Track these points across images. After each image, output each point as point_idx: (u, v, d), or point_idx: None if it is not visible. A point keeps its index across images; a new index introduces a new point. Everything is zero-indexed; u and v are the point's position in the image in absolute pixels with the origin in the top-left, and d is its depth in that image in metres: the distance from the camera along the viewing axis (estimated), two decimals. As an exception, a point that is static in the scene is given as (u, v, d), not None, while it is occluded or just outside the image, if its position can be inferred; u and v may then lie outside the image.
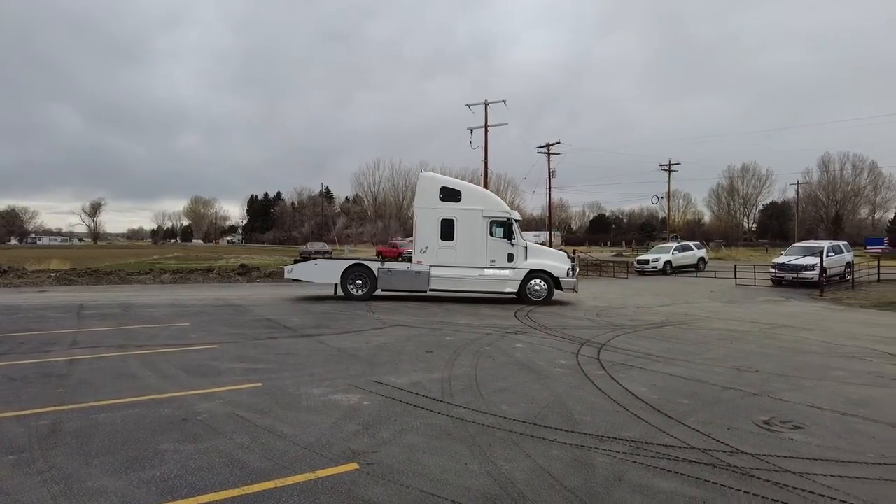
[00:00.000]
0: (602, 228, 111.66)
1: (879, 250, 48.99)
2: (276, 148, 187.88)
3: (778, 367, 8.76)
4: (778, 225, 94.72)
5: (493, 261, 17.10)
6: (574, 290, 17.81)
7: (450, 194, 17.28)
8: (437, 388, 7.13)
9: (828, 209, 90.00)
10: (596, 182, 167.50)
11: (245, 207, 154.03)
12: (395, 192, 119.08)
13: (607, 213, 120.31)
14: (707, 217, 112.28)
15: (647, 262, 35.59)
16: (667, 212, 72.20)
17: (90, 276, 24.91)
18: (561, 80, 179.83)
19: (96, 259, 42.26)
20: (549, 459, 4.82)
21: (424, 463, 4.71)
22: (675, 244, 39.28)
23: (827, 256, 24.88)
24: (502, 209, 17.55)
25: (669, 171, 61.17)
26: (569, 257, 18.34)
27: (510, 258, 17.15)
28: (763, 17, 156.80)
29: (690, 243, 40.29)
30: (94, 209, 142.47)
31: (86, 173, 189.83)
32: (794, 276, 25.57)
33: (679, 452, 5.04)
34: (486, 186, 32.79)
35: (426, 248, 17.18)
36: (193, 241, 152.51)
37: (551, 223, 53.96)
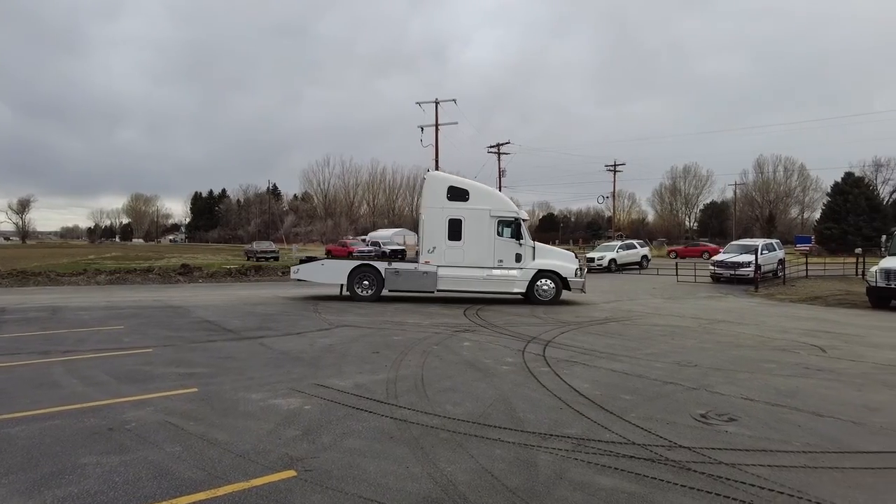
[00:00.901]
0: (551, 227, 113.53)
1: (807, 248, 51.88)
2: (221, 144, 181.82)
3: (715, 361, 9.07)
4: (717, 224, 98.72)
5: (500, 261, 16.93)
6: (582, 290, 17.78)
7: (457, 194, 17.03)
8: (382, 389, 7.01)
9: (762, 209, 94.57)
10: (545, 182, 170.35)
11: (188, 205, 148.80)
12: (346, 190, 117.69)
13: (556, 213, 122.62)
14: (651, 216, 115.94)
15: (592, 259, 36.40)
16: (612, 211, 74.14)
17: (15, 278, 23.40)
18: (513, 81, 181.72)
19: (24, 259, 39.80)
20: (492, 459, 4.78)
21: (365, 468, 4.58)
22: (619, 243, 40.41)
23: (761, 254, 26.15)
24: (510, 209, 17.34)
25: (615, 171, 62.84)
26: (576, 257, 18.36)
27: (518, 258, 16.99)
28: (703, 26, 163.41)
29: (634, 242, 41.51)
30: (23, 206, 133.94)
31: (12, 168, 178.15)
32: (732, 272, 26.73)
33: (620, 448, 5.11)
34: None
35: (434, 248, 16.91)
36: (134, 239, 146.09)
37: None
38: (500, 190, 48.70)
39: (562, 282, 17.20)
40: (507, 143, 47.96)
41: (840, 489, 4.31)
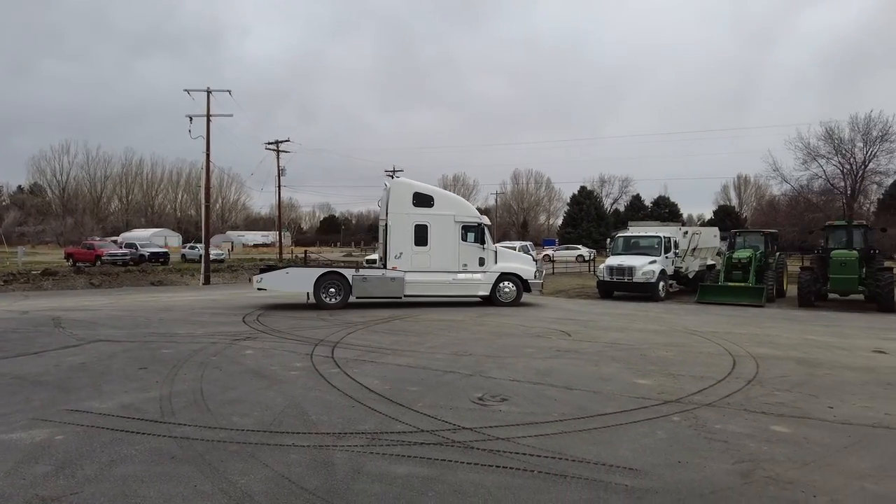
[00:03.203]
0: (333, 229, 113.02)
1: (552, 250, 60.65)
2: None
3: (487, 349, 10.11)
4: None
5: (465, 265, 17.37)
6: (540, 290, 19.09)
7: (423, 200, 17.25)
8: (155, 407, 6.30)
9: (517, 215, 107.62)
10: (328, 183, 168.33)
11: None
12: (91, 183, 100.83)
13: (337, 214, 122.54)
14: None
15: (375, 261, 37.36)
16: (391, 214, 77.05)
17: None
18: (295, 79, 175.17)
19: None
20: (288, 465, 4.68)
21: (144, 494, 4.10)
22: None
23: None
24: (473, 214, 18.02)
25: (394, 177, 65.35)
26: (534, 260, 19.06)
27: (481, 262, 17.51)
28: (473, 47, 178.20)
29: (412, 243, 43.71)
30: None
31: None
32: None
33: (411, 437, 5.42)
34: (207, 181, 30.16)
35: (401, 253, 17.00)
36: None
37: (281, 223, 52.60)
38: (278, 189, 46.94)
39: (522, 283, 17.89)
40: (286, 140, 46.35)
41: (588, 446, 5.21)
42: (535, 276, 18.31)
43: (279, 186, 46.71)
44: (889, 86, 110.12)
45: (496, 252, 18.15)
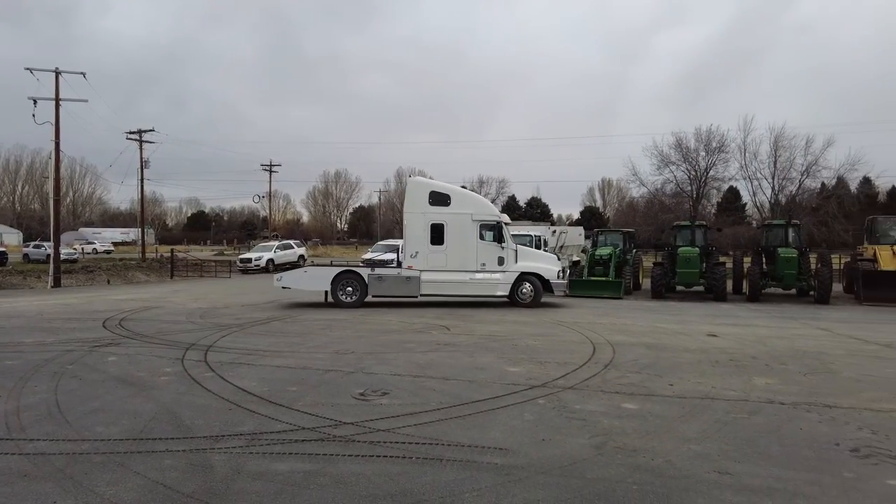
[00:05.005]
0: (202, 226, 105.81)
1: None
2: None
3: (368, 346, 10.26)
4: (365, 226, 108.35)
5: (483, 264, 17.02)
6: (565, 292, 18.36)
7: (439, 199, 17.08)
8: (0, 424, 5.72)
9: (401, 214, 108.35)
10: (198, 177, 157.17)
11: None
12: None
13: (207, 210, 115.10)
14: (305, 217, 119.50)
15: (249, 260, 35.85)
16: (269, 211, 73.92)
17: None
18: (164, 64, 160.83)
19: None
20: (162, 471, 4.53)
21: (-8, 516, 3.79)
22: (277, 243, 40.75)
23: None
24: (492, 212, 17.68)
25: (270, 171, 62.72)
26: (558, 259, 18.18)
27: (500, 261, 17.07)
28: (360, 46, 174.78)
29: (291, 242, 42.49)
30: None
31: None
32: (378, 269, 29.99)
33: (292, 435, 5.45)
34: (56, 171, 27.08)
35: (416, 252, 16.95)
36: None
37: (144, 219, 48.50)
38: (141, 182, 43.19)
39: (543, 284, 17.28)
40: (150, 129, 42.67)
41: (462, 430, 5.58)
42: (557, 276, 17.53)
43: (141, 179, 42.99)
44: (727, 102, 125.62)
45: (516, 251, 17.42)
